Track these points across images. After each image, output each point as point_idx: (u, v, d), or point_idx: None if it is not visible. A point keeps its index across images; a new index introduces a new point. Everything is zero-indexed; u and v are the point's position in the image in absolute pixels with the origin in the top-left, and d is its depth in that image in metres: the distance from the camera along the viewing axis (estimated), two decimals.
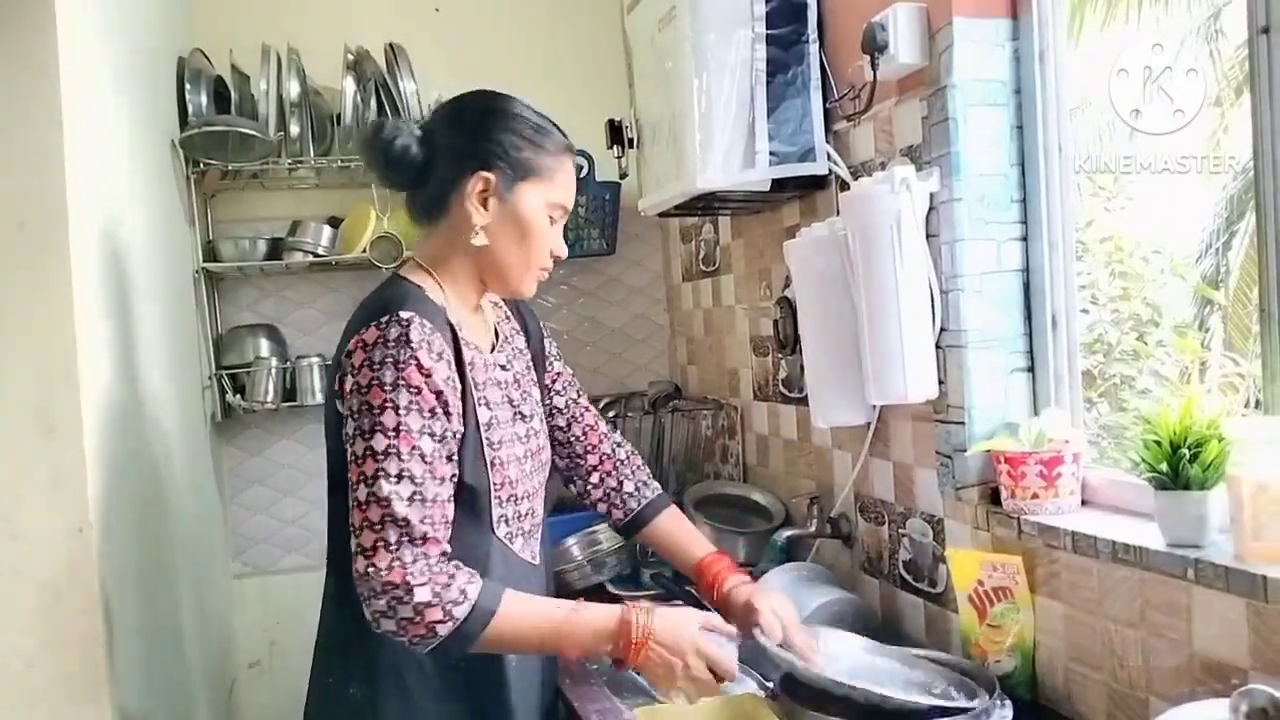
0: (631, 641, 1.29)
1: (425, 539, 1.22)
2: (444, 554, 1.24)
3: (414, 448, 1.23)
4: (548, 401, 1.61)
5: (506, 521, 1.39)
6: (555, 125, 1.45)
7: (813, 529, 2.03)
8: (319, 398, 2.56)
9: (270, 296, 2.72)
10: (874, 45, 1.62)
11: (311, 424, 2.73)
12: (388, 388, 1.23)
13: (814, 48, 1.89)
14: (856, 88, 1.75)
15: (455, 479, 1.29)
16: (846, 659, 1.51)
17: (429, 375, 1.26)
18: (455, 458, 1.30)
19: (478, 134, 1.38)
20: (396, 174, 1.39)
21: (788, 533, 2.02)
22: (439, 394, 1.27)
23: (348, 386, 1.26)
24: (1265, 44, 1.21)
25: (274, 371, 2.54)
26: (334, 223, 2.62)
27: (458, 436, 1.30)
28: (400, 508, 1.21)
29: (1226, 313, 3.85)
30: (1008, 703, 1.39)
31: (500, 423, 1.39)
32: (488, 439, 1.36)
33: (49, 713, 1.43)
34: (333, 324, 2.75)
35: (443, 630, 1.20)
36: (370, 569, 1.19)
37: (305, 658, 1.53)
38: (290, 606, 2.65)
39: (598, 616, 1.30)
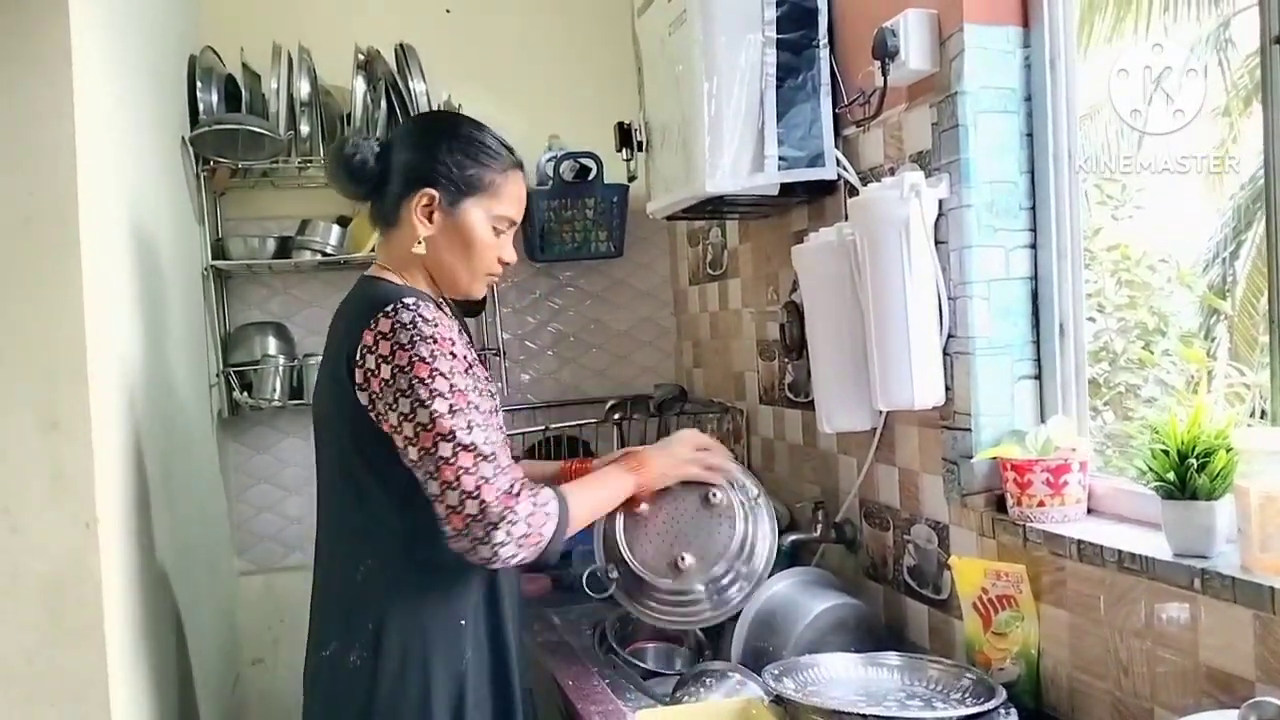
0: (640, 474, 1.60)
1: (509, 467, 1.38)
2: (520, 478, 1.39)
3: (470, 402, 1.38)
4: None
5: None
6: (504, 144, 1.56)
7: (817, 534, 2.03)
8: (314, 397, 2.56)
9: (279, 295, 2.73)
10: (884, 51, 1.62)
11: None
12: (429, 359, 1.36)
13: (824, 53, 1.89)
14: (866, 93, 1.75)
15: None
16: (847, 681, 1.53)
17: (454, 343, 1.40)
18: (495, 411, 1.47)
19: (425, 152, 1.50)
20: (355, 185, 1.54)
21: (792, 537, 2.02)
22: (465, 358, 1.42)
23: (385, 374, 1.36)
24: (1278, 54, 1.21)
25: (281, 369, 2.54)
26: (343, 222, 2.62)
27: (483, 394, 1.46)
28: (486, 448, 1.35)
29: (1232, 322, 3.84)
30: (1013, 711, 1.39)
31: (484, 396, 1.50)
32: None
33: (51, 709, 1.43)
34: None
35: (547, 530, 1.37)
36: (484, 507, 1.32)
37: None
38: (294, 604, 2.63)
39: (620, 479, 1.60)
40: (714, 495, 1.68)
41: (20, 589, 1.43)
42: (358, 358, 1.38)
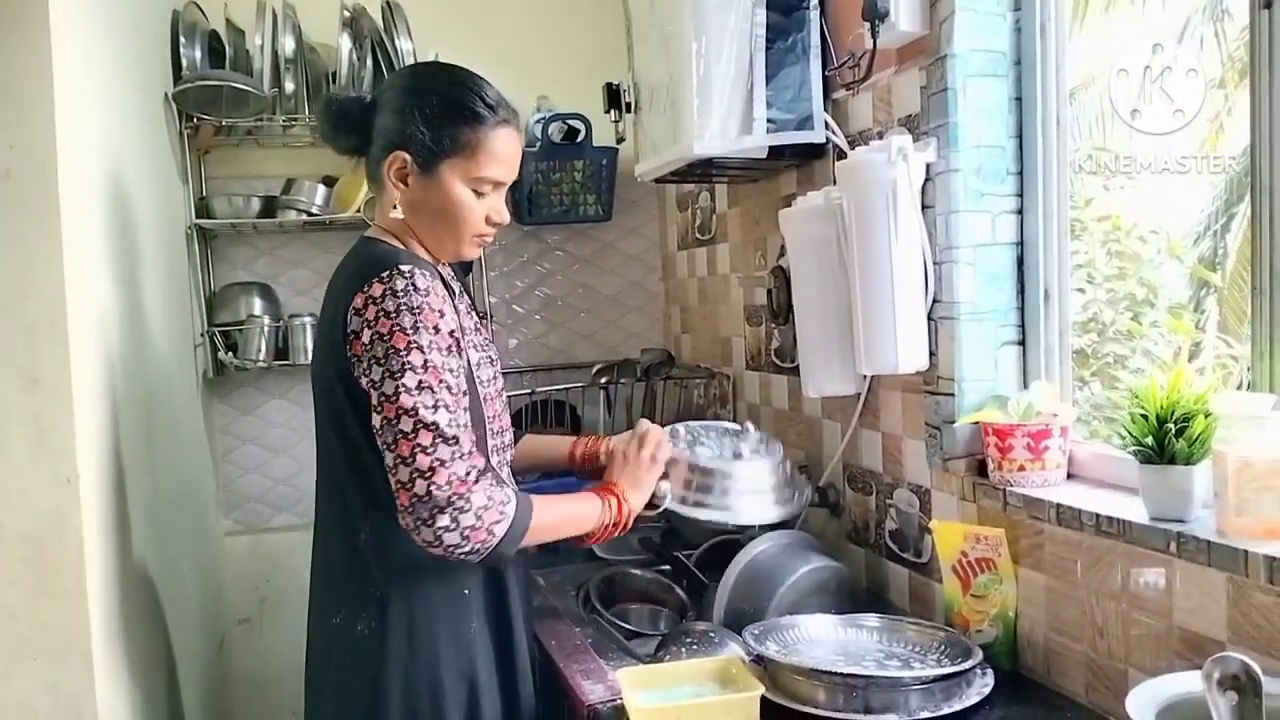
0: (619, 519, 1.54)
1: (470, 454, 1.34)
2: (481, 468, 1.35)
3: (442, 380, 1.34)
4: None
5: (498, 451, 1.52)
6: (488, 101, 1.45)
7: None
8: (311, 357, 2.56)
9: (264, 255, 2.71)
10: (875, 13, 1.61)
11: (304, 383, 2.71)
12: (409, 331, 1.33)
13: (814, 14, 1.87)
14: (856, 56, 1.74)
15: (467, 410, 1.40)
16: (826, 642, 1.54)
17: (441, 317, 1.36)
18: (466, 393, 1.40)
19: (399, 114, 1.43)
20: (340, 138, 1.49)
21: None
22: (451, 333, 1.37)
23: (366, 338, 1.34)
24: (1267, 19, 1.20)
25: (267, 330, 2.53)
26: (329, 182, 2.60)
27: (464, 374, 1.41)
28: (449, 430, 1.32)
29: (1222, 295, 3.84)
30: (989, 671, 1.41)
31: (483, 363, 1.50)
32: (478, 377, 1.46)
33: (32, 666, 1.44)
34: (326, 284, 2.74)
35: (499, 530, 1.33)
36: (431, 488, 1.30)
37: (295, 615, 1.54)
38: (280, 564, 2.66)
39: (597, 508, 1.52)
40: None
41: (1, 545, 1.43)
42: (348, 319, 1.36)
